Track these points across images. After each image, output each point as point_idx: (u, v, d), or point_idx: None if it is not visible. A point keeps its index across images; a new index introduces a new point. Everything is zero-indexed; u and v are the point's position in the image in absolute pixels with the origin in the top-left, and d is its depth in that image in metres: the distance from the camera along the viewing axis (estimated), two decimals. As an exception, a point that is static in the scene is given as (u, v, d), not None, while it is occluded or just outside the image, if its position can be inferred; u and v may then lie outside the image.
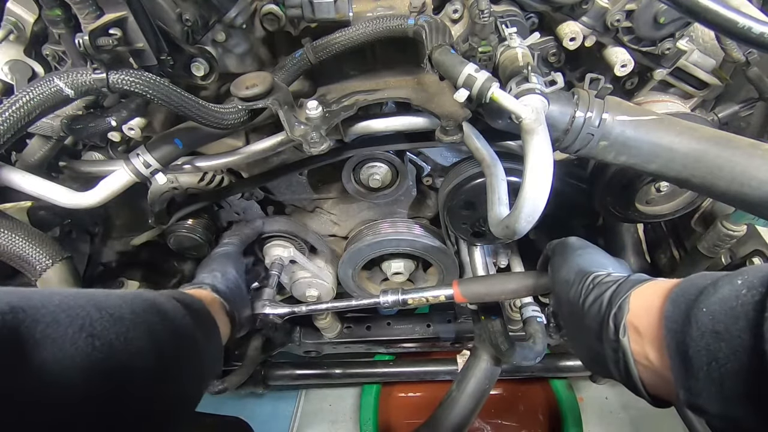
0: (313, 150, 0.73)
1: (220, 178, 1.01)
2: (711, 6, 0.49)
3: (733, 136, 0.63)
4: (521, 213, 0.59)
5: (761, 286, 0.40)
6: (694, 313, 0.44)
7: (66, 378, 0.41)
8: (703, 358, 0.42)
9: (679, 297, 0.48)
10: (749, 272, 0.43)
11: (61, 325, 0.43)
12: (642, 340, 0.51)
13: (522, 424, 1.65)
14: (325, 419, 1.74)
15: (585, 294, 0.61)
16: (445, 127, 0.76)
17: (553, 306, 0.88)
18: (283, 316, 1.02)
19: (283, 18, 0.77)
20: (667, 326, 0.47)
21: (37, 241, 0.77)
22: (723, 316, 0.41)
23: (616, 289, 0.57)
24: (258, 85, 0.69)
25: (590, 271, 0.64)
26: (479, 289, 0.94)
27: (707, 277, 0.47)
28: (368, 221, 1.19)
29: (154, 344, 0.52)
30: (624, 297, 0.55)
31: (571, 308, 0.64)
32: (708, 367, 0.42)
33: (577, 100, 0.66)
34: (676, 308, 0.47)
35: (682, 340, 0.45)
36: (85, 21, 0.59)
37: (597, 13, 0.73)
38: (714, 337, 0.41)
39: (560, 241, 0.79)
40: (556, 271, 0.73)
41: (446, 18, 0.78)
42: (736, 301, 0.41)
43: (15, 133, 0.63)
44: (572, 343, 0.69)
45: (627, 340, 0.52)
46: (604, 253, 0.74)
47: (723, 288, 0.44)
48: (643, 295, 0.54)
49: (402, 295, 0.96)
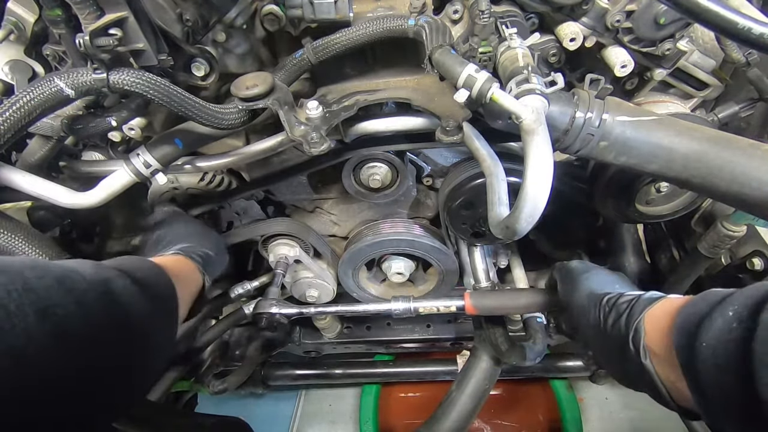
0: (314, 150, 0.73)
1: (220, 179, 1.01)
2: (711, 7, 0.49)
3: (733, 136, 0.63)
4: (521, 213, 0.59)
5: (749, 319, 0.42)
6: (697, 347, 0.46)
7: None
8: (714, 390, 0.44)
9: (683, 328, 0.49)
10: (739, 301, 0.45)
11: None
12: (662, 363, 0.53)
13: (522, 424, 1.65)
14: (325, 419, 1.74)
15: (604, 318, 0.65)
16: (445, 128, 0.76)
17: (567, 326, 0.93)
18: (290, 317, 1.02)
19: (284, 18, 0.77)
20: (679, 354, 0.49)
21: (37, 241, 0.77)
22: (721, 350, 0.43)
23: (630, 311, 0.60)
24: (258, 85, 0.69)
25: (601, 294, 0.68)
26: (490, 303, 0.95)
27: (707, 301, 0.49)
28: (368, 221, 1.19)
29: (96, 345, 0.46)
30: (638, 319, 0.57)
31: (594, 333, 0.67)
32: (719, 398, 0.44)
33: (577, 101, 0.66)
34: (682, 338, 0.49)
35: (693, 371, 0.46)
36: (86, 21, 0.59)
37: (597, 13, 0.73)
38: (717, 370, 0.43)
39: (564, 267, 0.84)
40: (568, 297, 0.77)
41: (446, 18, 0.78)
42: (728, 335, 0.43)
43: (15, 133, 0.63)
44: (602, 363, 0.73)
45: (650, 362, 0.54)
46: (606, 271, 0.79)
47: (717, 321, 0.45)
48: (655, 318, 0.57)
49: (413, 303, 0.97)
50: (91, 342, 0.45)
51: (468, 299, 0.94)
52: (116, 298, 0.51)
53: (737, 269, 0.98)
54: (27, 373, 0.38)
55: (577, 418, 1.59)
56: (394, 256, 1.19)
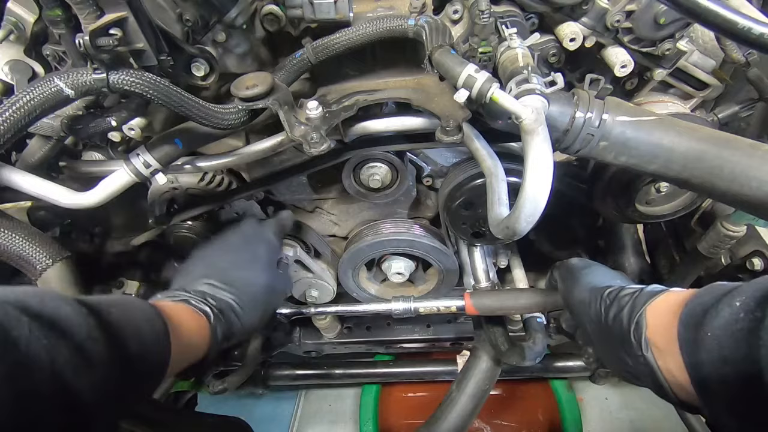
0: (314, 150, 0.73)
1: (220, 179, 1.01)
2: (711, 7, 0.49)
3: (732, 136, 0.63)
4: (521, 213, 0.59)
5: (757, 309, 0.42)
6: (701, 338, 0.46)
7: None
8: (716, 384, 0.44)
9: (688, 319, 0.49)
10: (747, 292, 0.45)
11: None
12: (664, 356, 0.53)
13: (522, 425, 1.65)
14: (325, 419, 1.74)
15: (605, 311, 0.65)
16: (445, 128, 0.76)
17: (567, 326, 0.93)
18: (289, 316, 1.02)
19: (284, 18, 0.77)
20: (683, 346, 0.49)
21: (37, 240, 0.77)
22: (727, 341, 0.43)
23: (633, 304, 0.60)
24: (258, 85, 0.69)
25: (602, 287, 0.68)
26: (491, 303, 0.95)
27: (712, 293, 0.49)
28: (368, 221, 1.19)
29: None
30: (640, 312, 0.57)
31: (596, 326, 0.67)
32: (723, 389, 0.44)
33: (577, 101, 0.66)
34: (687, 331, 0.49)
35: (697, 363, 0.46)
36: (86, 21, 0.59)
37: (597, 13, 0.73)
38: (722, 361, 0.43)
39: (564, 265, 0.84)
40: (569, 293, 0.77)
41: (446, 18, 0.78)
42: (735, 326, 0.43)
43: (15, 133, 0.63)
44: (603, 358, 0.72)
45: (651, 355, 0.54)
46: (606, 268, 0.79)
47: (723, 311, 0.45)
48: (658, 311, 0.56)
49: (414, 304, 0.97)
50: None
51: (468, 299, 0.94)
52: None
53: (737, 269, 0.98)
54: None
55: (577, 418, 1.59)
56: (394, 256, 1.19)
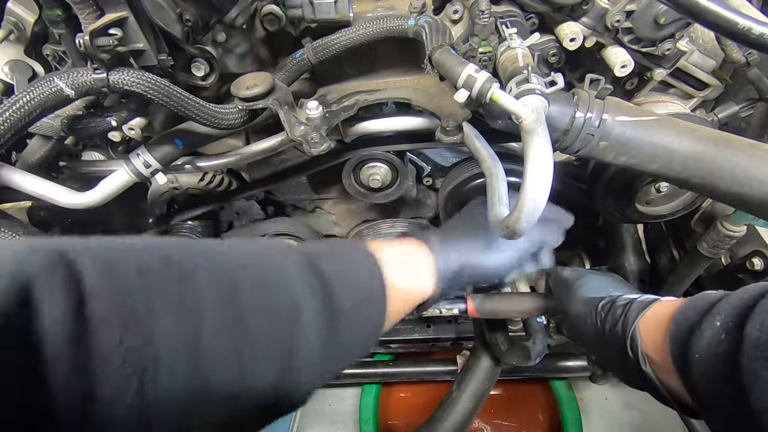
0: (314, 150, 0.73)
1: (220, 179, 1.01)
2: (711, 7, 0.49)
3: (733, 136, 0.63)
4: (521, 213, 0.59)
5: (735, 329, 0.42)
6: (689, 358, 0.47)
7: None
8: (710, 399, 0.45)
9: (677, 337, 0.50)
10: (726, 309, 0.45)
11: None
12: (662, 372, 0.54)
13: (522, 425, 1.65)
14: (325, 419, 1.74)
15: (601, 324, 0.65)
16: (445, 128, 0.76)
17: (568, 332, 0.94)
18: None
19: (284, 18, 0.77)
20: (675, 363, 0.50)
21: (37, 241, 0.77)
22: (711, 362, 0.44)
23: (626, 318, 0.61)
24: (258, 85, 0.69)
25: (596, 300, 0.69)
26: (493, 306, 0.96)
27: (696, 309, 0.50)
28: (368, 221, 1.19)
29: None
30: (633, 327, 0.58)
31: (594, 340, 0.68)
32: (715, 406, 0.45)
33: (577, 101, 0.66)
34: (677, 348, 0.49)
35: (689, 380, 0.47)
36: (86, 21, 0.59)
37: (597, 13, 0.73)
38: (711, 380, 0.44)
39: (556, 277, 0.84)
40: (564, 307, 0.78)
41: (446, 18, 0.78)
42: (717, 348, 0.44)
43: (15, 132, 0.63)
44: (606, 367, 0.73)
45: (651, 370, 0.55)
46: (598, 275, 0.80)
47: (706, 332, 0.46)
48: (649, 326, 0.57)
49: None
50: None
51: (470, 303, 0.94)
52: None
53: (737, 269, 0.98)
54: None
55: (577, 418, 1.59)
56: (394, 256, 1.18)
